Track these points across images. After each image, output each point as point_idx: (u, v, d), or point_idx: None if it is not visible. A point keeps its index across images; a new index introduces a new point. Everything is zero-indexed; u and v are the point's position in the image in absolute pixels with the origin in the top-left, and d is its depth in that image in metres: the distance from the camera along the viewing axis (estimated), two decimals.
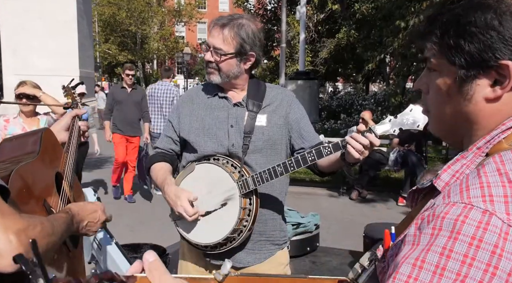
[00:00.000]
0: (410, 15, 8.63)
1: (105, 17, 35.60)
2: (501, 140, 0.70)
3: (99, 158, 10.16)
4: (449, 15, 0.73)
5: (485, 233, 0.58)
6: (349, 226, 5.48)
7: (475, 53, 0.69)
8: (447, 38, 0.72)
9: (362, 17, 13.83)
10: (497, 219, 0.59)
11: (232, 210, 1.73)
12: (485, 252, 0.57)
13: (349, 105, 16.41)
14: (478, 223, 0.59)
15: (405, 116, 1.56)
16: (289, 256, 2.02)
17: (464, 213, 0.60)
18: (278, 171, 1.68)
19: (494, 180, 0.63)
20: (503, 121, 0.71)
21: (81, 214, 1.30)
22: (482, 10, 0.69)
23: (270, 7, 19.46)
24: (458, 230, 0.59)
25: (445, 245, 0.59)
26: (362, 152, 1.56)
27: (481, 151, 0.71)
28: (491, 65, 0.68)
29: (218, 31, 1.76)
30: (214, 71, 1.80)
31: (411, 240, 0.65)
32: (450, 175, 0.71)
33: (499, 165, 0.65)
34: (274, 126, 1.85)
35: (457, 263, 0.58)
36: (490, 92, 0.70)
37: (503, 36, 0.67)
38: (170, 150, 1.97)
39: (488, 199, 0.61)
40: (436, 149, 8.67)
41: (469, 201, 0.62)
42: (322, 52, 16.22)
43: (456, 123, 0.77)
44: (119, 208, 6.03)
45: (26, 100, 3.49)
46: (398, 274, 0.62)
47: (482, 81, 0.71)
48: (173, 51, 40.65)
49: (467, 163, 0.71)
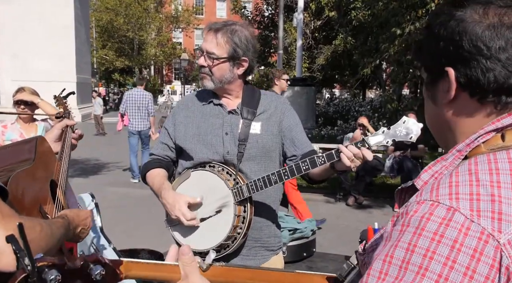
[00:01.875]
0: (406, 23, 8.70)
1: (103, 23, 35.67)
2: (480, 145, 0.73)
3: (96, 164, 10.17)
4: (423, 27, 0.82)
5: (446, 229, 0.61)
6: (346, 231, 5.50)
7: (428, 61, 0.78)
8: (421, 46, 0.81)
9: (359, 24, 13.91)
10: (460, 215, 0.62)
11: (227, 217, 1.74)
12: (444, 246, 0.60)
13: (346, 112, 16.47)
14: (441, 220, 0.62)
15: (398, 128, 1.58)
16: (283, 261, 2.04)
17: (430, 210, 0.64)
18: (272, 179, 1.70)
19: (463, 179, 0.66)
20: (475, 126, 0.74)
21: (76, 220, 1.33)
22: (444, 24, 0.75)
23: (268, 14, 19.55)
24: (422, 227, 0.63)
25: (410, 241, 0.62)
26: (352, 160, 1.59)
27: (461, 154, 0.74)
28: (441, 71, 0.74)
29: (212, 35, 1.79)
30: (207, 76, 1.82)
31: (385, 236, 0.69)
32: (430, 175, 0.74)
33: (471, 166, 0.68)
34: (268, 134, 1.86)
35: (419, 257, 0.61)
36: (444, 96, 0.75)
37: (447, 46, 0.73)
38: (165, 156, 1.98)
39: (454, 196, 0.64)
40: (432, 155, 8.71)
41: (437, 198, 0.65)
42: (319, 58, 16.28)
43: (438, 129, 0.82)
44: (116, 214, 6.03)
45: (24, 107, 3.51)
46: (371, 270, 0.65)
47: (441, 85, 0.76)
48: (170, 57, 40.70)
49: (446, 165, 0.74)
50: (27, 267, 0.62)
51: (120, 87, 44.30)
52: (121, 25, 35.20)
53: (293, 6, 14.95)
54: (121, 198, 7.14)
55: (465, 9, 0.73)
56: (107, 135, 16.31)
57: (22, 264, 0.62)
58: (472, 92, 0.72)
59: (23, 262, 0.62)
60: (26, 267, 0.62)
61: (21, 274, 0.62)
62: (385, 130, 1.60)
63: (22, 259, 0.62)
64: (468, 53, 0.70)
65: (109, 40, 36.95)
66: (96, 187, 7.53)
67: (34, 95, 3.52)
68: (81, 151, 10.94)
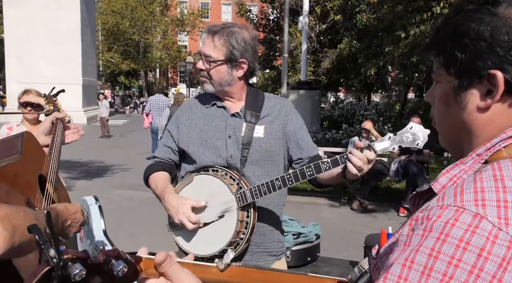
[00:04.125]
0: (410, 26, 8.68)
1: (109, 26, 35.88)
2: (501, 149, 0.71)
3: (101, 166, 10.20)
4: (447, 28, 0.75)
5: (472, 236, 0.59)
6: (350, 236, 5.47)
7: (467, 62, 0.71)
8: (445, 49, 0.74)
9: (364, 27, 13.90)
10: (487, 222, 0.60)
11: (230, 223, 1.73)
12: (471, 254, 0.58)
13: (350, 115, 16.43)
14: (467, 226, 0.60)
15: (404, 134, 1.56)
16: (286, 266, 2.03)
17: (455, 216, 0.62)
18: (276, 185, 1.68)
19: (489, 185, 0.64)
20: (500, 130, 0.72)
21: (65, 213, 1.31)
22: (476, 22, 0.71)
23: (273, 17, 19.56)
24: (447, 233, 0.61)
25: (434, 247, 0.60)
26: (360, 168, 1.56)
27: (481, 158, 0.72)
28: (482, 74, 0.70)
29: (209, 38, 1.78)
30: (206, 80, 1.81)
31: (403, 240, 0.67)
32: (448, 179, 0.72)
33: (496, 172, 0.66)
34: (272, 138, 1.84)
35: (443, 264, 0.59)
36: (481, 102, 0.72)
37: (492, 47, 0.69)
38: (169, 159, 1.97)
39: (481, 203, 0.62)
40: (437, 159, 8.67)
41: (462, 204, 0.63)
42: (324, 62, 16.26)
43: (455, 133, 0.78)
44: (120, 216, 6.03)
45: (30, 109, 3.52)
46: (389, 274, 0.63)
47: (475, 90, 0.72)
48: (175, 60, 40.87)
49: (465, 169, 0.72)
50: (52, 259, 0.58)
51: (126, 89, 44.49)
52: (127, 28, 35.39)
53: (298, 9, 14.96)
54: (125, 201, 7.15)
55: (501, 6, 0.70)
56: (112, 137, 16.36)
57: (47, 256, 0.58)
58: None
59: (48, 254, 0.58)
60: (51, 260, 0.58)
61: (44, 267, 0.58)
62: (391, 136, 1.58)
63: (47, 250, 0.58)
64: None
65: (115, 43, 37.15)
66: (100, 189, 7.55)
67: (40, 97, 3.53)
68: (86, 153, 11.00)
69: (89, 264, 0.62)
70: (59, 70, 20.39)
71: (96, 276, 0.64)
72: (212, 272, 0.89)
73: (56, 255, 0.58)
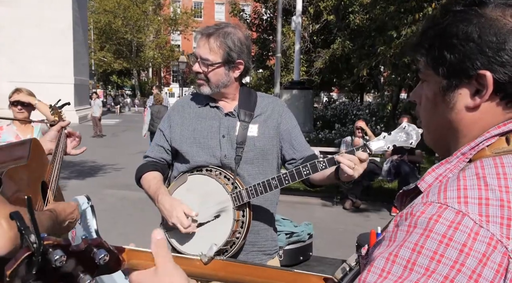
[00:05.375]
0: (402, 26, 8.74)
1: (101, 25, 35.69)
2: (484, 148, 0.73)
3: (93, 166, 10.14)
4: (436, 29, 0.76)
5: (455, 232, 0.61)
6: (342, 235, 5.49)
7: (456, 63, 0.73)
8: (433, 49, 0.76)
9: (357, 28, 13.95)
10: (469, 219, 0.62)
11: (225, 222, 1.73)
12: (453, 250, 0.60)
13: (343, 115, 16.48)
14: (450, 223, 0.62)
15: (398, 133, 1.60)
16: (280, 264, 2.03)
17: (438, 213, 0.63)
18: (272, 184, 1.69)
19: (472, 184, 0.66)
20: (485, 129, 0.74)
21: (63, 214, 1.34)
22: (464, 23, 0.72)
23: (266, 17, 19.55)
24: (430, 228, 0.62)
25: (417, 242, 0.62)
26: (354, 168, 1.57)
27: (465, 157, 0.74)
28: (471, 75, 0.72)
29: (204, 41, 1.76)
30: (204, 82, 1.80)
31: (388, 236, 0.68)
32: (434, 178, 0.74)
33: (478, 170, 0.68)
34: (266, 137, 1.85)
35: (426, 259, 0.61)
36: (470, 101, 0.73)
37: (481, 48, 0.71)
38: (161, 159, 1.95)
39: (463, 200, 0.64)
40: (429, 159, 8.73)
41: (445, 201, 0.64)
42: (317, 62, 16.29)
43: (442, 132, 0.80)
44: (112, 216, 6.01)
45: (21, 107, 3.49)
46: (372, 267, 0.65)
47: (464, 90, 0.74)
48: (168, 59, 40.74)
49: (450, 167, 0.74)
50: (32, 244, 0.58)
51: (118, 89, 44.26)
52: (119, 27, 35.22)
53: (292, 9, 14.98)
54: (117, 201, 7.12)
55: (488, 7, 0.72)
56: (104, 137, 16.28)
57: (28, 242, 0.58)
58: (505, 96, 0.71)
59: (29, 239, 0.58)
60: (32, 245, 0.58)
61: (25, 252, 0.58)
62: (386, 136, 1.61)
63: (28, 236, 0.58)
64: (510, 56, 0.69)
65: (107, 42, 36.96)
66: (92, 189, 7.51)
67: (31, 96, 3.51)
68: None
69: (70, 251, 0.62)
70: (51, 69, 20.25)
71: (78, 265, 0.64)
72: (195, 265, 0.90)
73: (36, 240, 0.59)
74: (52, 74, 19.96)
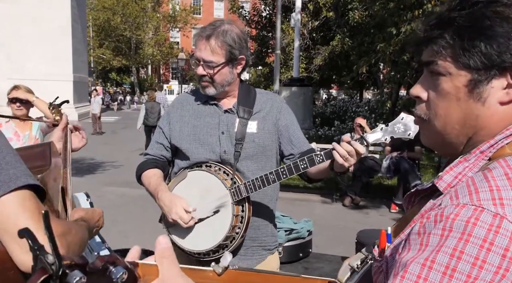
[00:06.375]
0: (402, 23, 8.72)
1: (100, 22, 35.61)
2: (504, 146, 0.70)
3: (92, 163, 10.14)
4: (462, 20, 0.72)
5: (496, 236, 0.58)
6: (342, 232, 5.49)
7: (494, 54, 0.69)
8: (462, 41, 0.71)
9: (356, 24, 13.92)
10: (508, 222, 0.59)
11: (225, 217, 1.73)
12: (495, 255, 0.58)
13: (343, 112, 16.47)
14: (489, 226, 0.59)
15: (396, 125, 1.59)
16: (279, 260, 2.04)
17: (475, 215, 0.60)
18: (270, 178, 1.69)
19: (503, 184, 0.63)
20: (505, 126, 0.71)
21: (91, 222, 1.32)
22: (499, 18, 0.69)
23: (265, 14, 19.52)
24: (469, 232, 0.59)
25: (456, 247, 0.59)
26: (346, 158, 1.57)
27: (484, 155, 0.71)
28: (505, 67, 0.68)
29: (204, 43, 1.74)
30: (209, 84, 1.79)
31: (418, 240, 0.65)
32: (452, 177, 0.71)
33: (506, 170, 0.66)
34: (265, 133, 1.85)
35: (467, 265, 0.58)
36: (504, 94, 0.70)
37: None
38: (161, 156, 1.96)
39: (499, 202, 0.61)
40: (428, 156, 8.73)
41: (480, 203, 0.61)
42: (317, 59, 16.27)
43: (461, 129, 0.75)
44: (111, 213, 6.00)
45: (19, 105, 3.48)
46: (407, 273, 0.61)
47: (497, 83, 0.70)
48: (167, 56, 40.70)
49: (469, 166, 0.71)
50: (50, 266, 0.52)
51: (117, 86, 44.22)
52: (118, 24, 35.16)
53: (291, 6, 14.95)
54: (117, 198, 7.12)
55: None
56: (104, 134, 16.27)
57: (44, 263, 0.52)
58: None
59: (46, 261, 0.52)
60: (50, 267, 0.52)
61: (42, 274, 0.52)
62: (383, 127, 1.60)
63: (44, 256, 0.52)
64: None
65: (106, 39, 36.90)
66: (91, 186, 7.51)
67: (30, 93, 3.50)
68: None
69: (88, 271, 0.57)
70: (50, 66, 20.20)
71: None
72: (209, 276, 0.85)
73: (55, 261, 0.52)
74: (51, 72, 19.91)
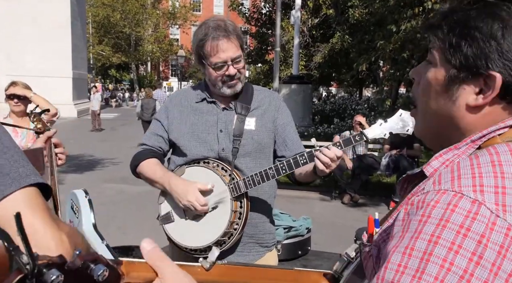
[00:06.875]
0: (402, 21, 8.71)
1: (99, 19, 35.52)
2: (495, 136, 0.71)
3: (91, 160, 10.13)
4: (460, 15, 0.73)
5: (473, 222, 0.59)
6: (341, 230, 5.49)
7: (471, 57, 0.70)
8: (451, 36, 0.72)
9: (356, 22, 13.90)
10: (485, 209, 0.60)
11: (223, 213, 1.73)
12: (471, 241, 0.58)
13: (342, 110, 16.46)
14: (467, 212, 0.59)
15: (394, 121, 1.61)
16: (277, 257, 2.04)
17: (454, 202, 0.61)
18: (270, 174, 1.69)
19: (487, 171, 0.64)
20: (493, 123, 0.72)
21: None
22: (491, 19, 0.70)
23: (265, 11, 19.47)
24: (447, 218, 0.60)
25: (433, 232, 0.60)
26: (328, 165, 1.59)
27: (475, 144, 0.72)
28: (481, 73, 0.69)
29: (227, 42, 1.72)
30: (238, 81, 1.80)
31: (401, 227, 0.65)
32: (440, 163, 0.72)
33: (493, 157, 0.66)
34: (263, 130, 1.85)
35: (444, 250, 0.58)
36: (473, 99, 0.71)
37: (501, 48, 0.68)
38: (159, 148, 1.93)
39: (479, 189, 0.61)
40: (428, 154, 8.73)
41: (460, 189, 0.62)
42: (316, 56, 16.25)
43: (438, 122, 0.77)
44: (110, 210, 6.00)
45: (17, 101, 3.47)
46: (389, 263, 0.62)
47: (469, 87, 0.71)
48: (167, 53, 40.64)
49: (459, 153, 0.72)
50: (25, 266, 0.53)
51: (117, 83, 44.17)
52: (117, 21, 35.07)
53: (291, 3, 14.92)
54: (115, 195, 7.11)
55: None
56: (103, 131, 16.25)
57: (19, 263, 0.53)
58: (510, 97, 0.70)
59: (21, 261, 0.53)
60: (24, 267, 0.53)
61: (17, 275, 0.53)
62: (382, 123, 1.62)
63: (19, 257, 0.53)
64: None
65: (106, 36, 36.82)
66: (90, 183, 7.51)
67: (27, 89, 3.48)
68: (76, 147, 10.90)
69: (66, 269, 0.57)
70: (49, 63, 20.16)
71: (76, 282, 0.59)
72: (197, 272, 0.85)
73: (29, 261, 0.53)
74: (50, 68, 19.87)
